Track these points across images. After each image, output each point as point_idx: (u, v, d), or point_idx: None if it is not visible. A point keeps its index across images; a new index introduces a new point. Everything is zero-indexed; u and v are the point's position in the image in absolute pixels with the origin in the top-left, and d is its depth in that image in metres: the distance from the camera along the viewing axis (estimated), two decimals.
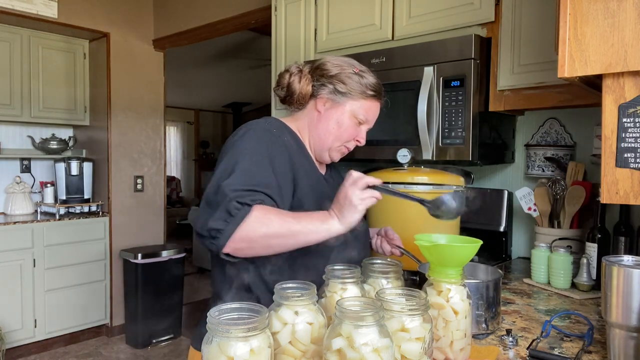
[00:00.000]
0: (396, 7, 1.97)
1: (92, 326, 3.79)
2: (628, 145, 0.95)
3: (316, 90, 1.24)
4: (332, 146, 1.26)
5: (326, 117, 1.24)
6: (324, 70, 1.24)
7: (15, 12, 3.29)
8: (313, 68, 1.27)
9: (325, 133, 1.24)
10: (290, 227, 1.02)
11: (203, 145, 9.60)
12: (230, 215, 1.00)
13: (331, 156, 1.29)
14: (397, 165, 1.63)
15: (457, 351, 0.95)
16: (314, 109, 1.25)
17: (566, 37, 0.97)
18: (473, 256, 1.01)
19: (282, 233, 1.02)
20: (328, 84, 1.22)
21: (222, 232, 1.00)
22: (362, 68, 1.26)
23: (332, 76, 1.23)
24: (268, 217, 1.01)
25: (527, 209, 1.82)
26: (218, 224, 1.00)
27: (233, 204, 1.00)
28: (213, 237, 1.01)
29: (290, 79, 1.26)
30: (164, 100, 4.22)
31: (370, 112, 1.26)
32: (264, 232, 1.00)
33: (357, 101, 1.23)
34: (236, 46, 5.17)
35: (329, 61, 1.26)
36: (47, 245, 3.47)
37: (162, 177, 4.25)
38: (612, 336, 0.97)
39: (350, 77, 1.22)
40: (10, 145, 3.80)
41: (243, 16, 3.28)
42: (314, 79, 1.25)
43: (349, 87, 1.22)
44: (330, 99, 1.23)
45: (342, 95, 1.22)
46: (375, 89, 1.25)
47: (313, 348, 0.84)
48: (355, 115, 1.24)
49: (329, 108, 1.24)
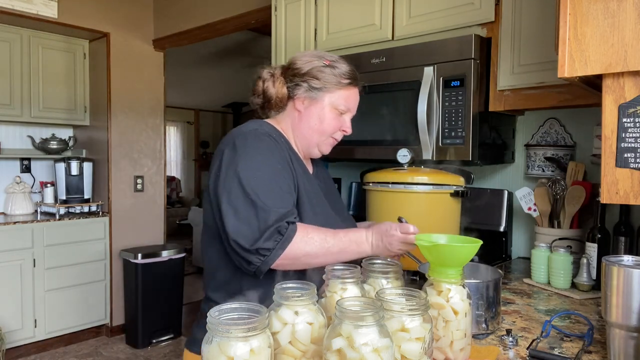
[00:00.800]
0: (396, 7, 1.97)
1: (92, 326, 3.79)
2: (628, 145, 0.95)
3: (292, 91, 1.24)
4: (319, 141, 1.27)
5: (307, 115, 1.24)
6: (295, 70, 1.24)
7: (15, 12, 3.29)
8: (284, 69, 1.27)
9: (309, 131, 1.25)
10: (329, 248, 1.09)
11: (203, 145, 9.60)
12: (281, 234, 1.04)
13: (321, 150, 1.29)
14: (397, 165, 1.63)
15: (457, 351, 0.95)
16: (294, 110, 1.26)
17: (566, 37, 0.97)
18: (473, 256, 1.01)
19: (322, 253, 1.08)
20: (302, 82, 1.23)
21: (272, 251, 1.04)
22: (332, 58, 1.25)
23: (305, 74, 1.22)
24: (310, 236, 1.07)
25: (527, 209, 1.82)
26: (269, 244, 1.03)
27: (283, 224, 1.05)
28: (262, 255, 1.04)
29: (264, 85, 1.26)
30: (164, 100, 4.22)
31: (350, 100, 1.26)
32: (307, 251, 1.06)
33: (334, 93, 1.23)
34: (236, 46, 5.16)
35: (299, 59, 1.25)
36: (47, 245, 3.47)
37: (162, 177, 4.25)
38: (612, 336, 0.97)
39: (322, 70, 1.22)
40: (10, 145, 3.80)
41: (243, 16, 3.28)
42: (287, 80, 1.25)
43: (323, 81, 1.22)
44: (307, 97, 1.23)
45: (318, 90, 1.22)
46: (349, 76, 1.24)
47: (313, 348, 0.84)
48: (336, 106, 1.24)
49: (308, 106, 1.24)
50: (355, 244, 1.12)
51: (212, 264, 1.21)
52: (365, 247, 1.14)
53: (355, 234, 1.14)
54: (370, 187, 1.64)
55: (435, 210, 1.54)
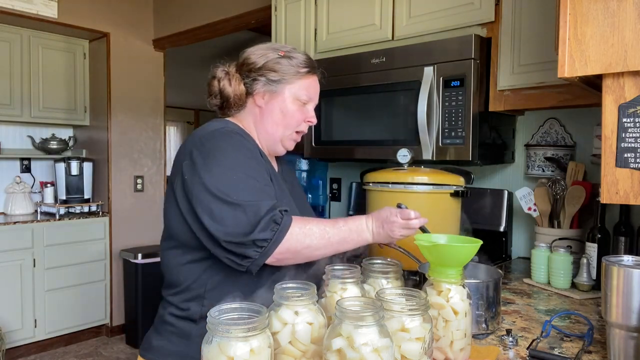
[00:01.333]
0: (396, 7, 1.97)
1: (92, 326, 3.79)
2: (628, 145, 0.96)
3: (250, 87, 1.20)
4: (283, 136, 1.22)
5: (269, 110, 1.20)
6: (250, 65, 1.20)
7: (15, 12, 3.29)
8: (238, 65, 1.22)
9: (272, 126, 1.21)
10: (330, 238, 1.06)
11: None
12: (277, 223, 1.00)
13: (285, 145, 1.25)
14: (397, 165, 1.63)
15: (457, 351, 0.95)
16: (255, 106, 1.21)
17: (566, 37, 0.97)
18: (473, 256, 1.01)
19: (323, 244, 1.06)
20: (259, 77, 1.18)
21: (270, 241, 0.99)
22: (286, 49, 1.22)
23: (261, 67, 1.18)
24: (309, 227, 1.04)
25: (527, 209, 1.82)
26: (266, 234, 0.99)
27: (277, 213, 1.01)
28: (260, 246, 0.99)
29: (220, 84, 1.21)
30: (164, 100, 4.22)
31: (311, 89, 1.23)
32: (307, 243, 1.03)
33: (294, 83, 1.19)
34: (236, 46, 5.16)
35: (252, 53, 1.21)
36: (47, 245, 3.47)
37: (162, 177, 4.25)
38: (612, 336, 0.97)
39: (278, 62, 1.18)
40: (10, 145, 3.80)
41: (243, 16, 3.28)
42: (244, 76, 1.20)
43: (281, 73, 1.18)
44: (267, 91, 1.19)
45: (277, 83, 1.18)
46: (307, 64, 1.21)
47: (313, 348, 0.84)
48: (297, 97, 1.20)
49: (268, 100, 1.20)
50: (355, 232, 1.09)
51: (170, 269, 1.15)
52: (367, 235, 1.11)
53: (355, 222, 1.11)
54: (370, 187, 1.64)
55: (435, 210, 1.54)
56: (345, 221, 1.11)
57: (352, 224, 1.11)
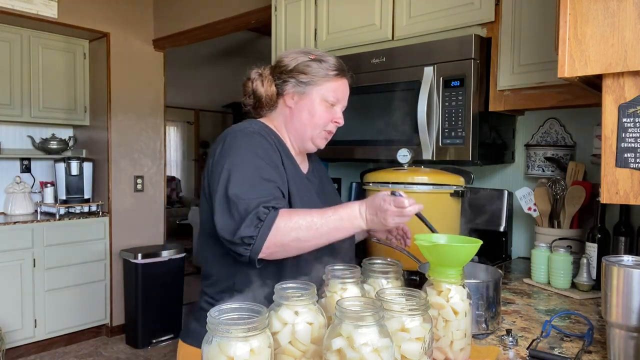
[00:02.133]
0: (396, 7, 1.97)
1: (92, 326, 3.79)
2: (628, 145, 0.96)
3: (280, 88, 1.26)
4: (312, 135, 1.27)
5: (298, 110, 1.26)
6: (282, 67, 1.26)
7: (15, 12, 3.29)
8: (272, 68, 1.29)
9: (301, 126, 1.26)
10: (318, 228, 1.06)
11: (203, 145, 9.60)
12: (260, 220, 1.03)
13: (315, 144, 1.30)
14: (397, 165, 1.63)
15: (457, 351, 0.95)
16: (285, 106, 1.27)
17: (566, 37, 0.97)
18: (473, 256, 1.01)
19: (312, 236, 1.06)
20: (289, 78, 1.25)
21: (256, 238, 1.03)
22: (317, 53, 1.27)
23: (292, 70, 1.24)
24: (295, 220, 1.05)
25: (527, 209, 1.82)
26: (250, 231, 1.03)
27: (261, 210, 1.04)
28: (247, 244, 1.04)
29: (253, 85, 1.28)
30: (164, 100, 4.22)
31: (340, 91, 1.28)
32: (294, 236, 1.04)
33: (322, 85, 1.24)
34: (236, 46, 5.16)
35: (286, 56, 1.28)
36: (47, 245, 3.47)
37: (162, 177, 4.25)
38: (612, 336, 0.97)
39: (309, 65, 1.24)
40: (10, 145, 3.80)
41: (243, 16, 3.28)
42: (275, 77, 1.27)
43: (311, 75, 1.23)
44: (296, 92, 1.25)
45: (306, 85, 1.24)
46: (337, 68, 1.26)
47: (313, 348, 0.84)
48: (325, 98, 1.25)
49: (297, 101, 1.25)
50: (347, 220, 1.09)
51: (206, 261, 1.24)
52: (359, 222, 1.10)
53: (347, 210, 1.10)
54: (370, 187, 1.64)
55: (435, 210, 1.53)
56: (335, 210, 1.10)
57: (342, 212, 1.10)
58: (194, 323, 1.24)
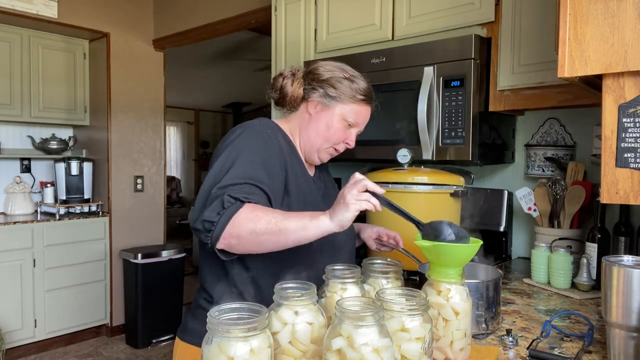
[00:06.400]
0: (396, 7, 1.97)
1: (92, 326, 3.79)
2: (628, 145, 0.96)
3: (307, 94, 1.27)
4: (320, 147, 1.29)
5: (316, 119, 1.27)
6: (316, 75, 1.27)
7: (15, 12, 3.29)
8: (306, 72, 1.30)
9: (315, 135, 1.27)
10: (278, 223, 1.01)
11: (203, 145, 9.60)
12: (223, 207, 1.02)
13: (320, 157, 1.31)
14: (397, 165, 1.63)
15: (457, 351, 0.95)
16: (305, 111, 1.28)
17: (566, 37, 0.97)
18: (473, 256, 1.01)
19: (270, 230, 1.01)
20: (319, 87, 1.26)
21: (215, 224, 1.01)
22: (353, 73, 1.28)
23: (324, 80, 1.26)
24: (255, 213, 1.02)
25: (527, 209, 1.82)
26: (211, 216, 1.02)
27: (227, 197, 1.03)
28: (207, 229, 1.03)
29: (283, 82, 1.29)
30: (164, 100, 4.22)
31: (360, 116, 1.29)
32: (251, 228, 1.00)
33: (347, 105, 1.25)
34: (236, 46, 5.16)
35: (322, 66, 1.29)
36: (47, 245, 3.47)
37: (162, 177, 4.25)
38: (612, 336, 0.97)
39: (340, 81, 1.25)
40: (10, 145, 3.80)
41: (243, 16, 3.28)
42: (306, 82, 1.28)
43: (339, 91, 1.25)
44: (320, 102, 1.26)
45: (332, 99, 1.25)
46: (365, 94, 1.27)
47: (313, 348, 0.84)
48: (345, 118, 1.26)
49: (319, 111, 1.26)
50: (308, 216, 1.03)
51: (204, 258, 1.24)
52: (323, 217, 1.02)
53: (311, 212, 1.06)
54: None
55: (435, 210, 1.54)
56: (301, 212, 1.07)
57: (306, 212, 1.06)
58: (192, 321, 1.24)
